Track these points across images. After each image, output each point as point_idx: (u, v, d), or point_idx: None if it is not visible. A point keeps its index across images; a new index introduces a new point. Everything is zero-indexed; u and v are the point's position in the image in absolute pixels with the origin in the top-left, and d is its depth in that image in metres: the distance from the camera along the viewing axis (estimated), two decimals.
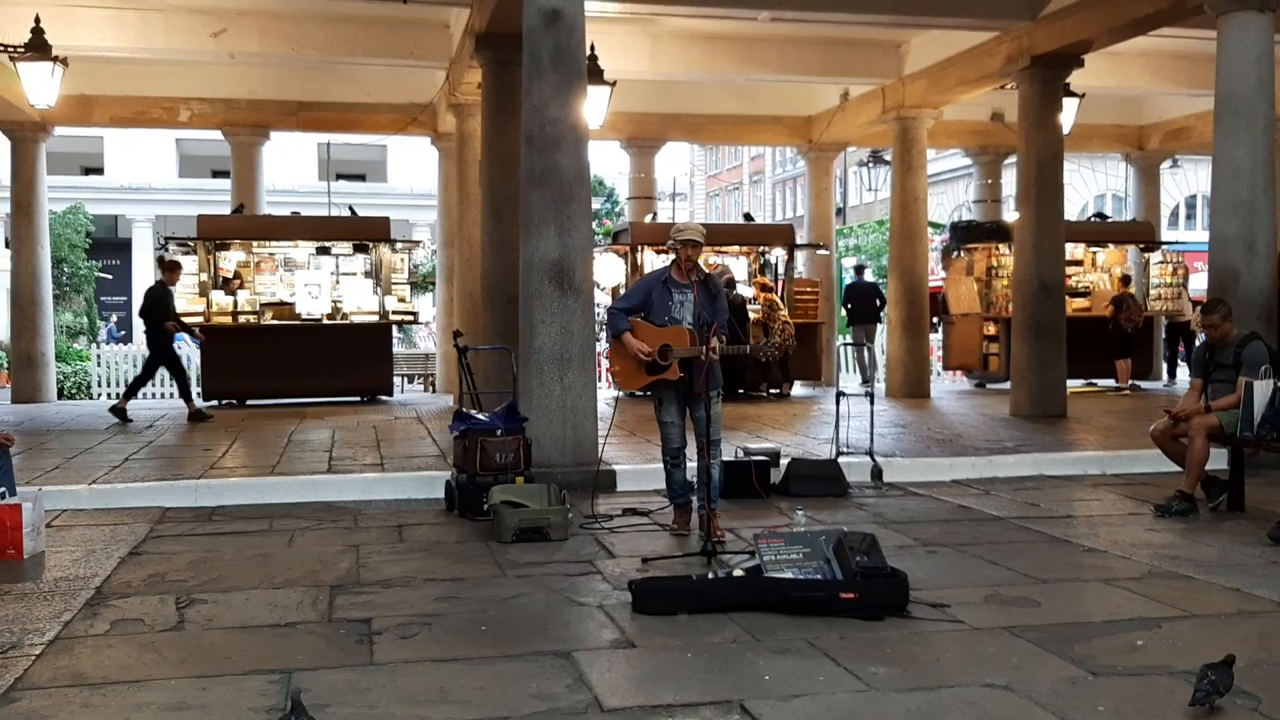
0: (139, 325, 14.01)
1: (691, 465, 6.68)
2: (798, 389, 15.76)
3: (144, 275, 35.41)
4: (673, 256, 6.57)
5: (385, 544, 6.40)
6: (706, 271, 6.66)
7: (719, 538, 6.13)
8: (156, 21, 12.76)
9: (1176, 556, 6.01)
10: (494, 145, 11.16)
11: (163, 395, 18.43)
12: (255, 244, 14.99)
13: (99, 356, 19.37)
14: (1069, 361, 12.57)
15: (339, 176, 31.88)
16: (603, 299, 14.49)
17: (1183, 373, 16.86)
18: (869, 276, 19.77)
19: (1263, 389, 6.93)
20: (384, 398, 14.86)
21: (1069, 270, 13.70)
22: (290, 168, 30.99)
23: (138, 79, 15.17)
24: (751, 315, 14.53)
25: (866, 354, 16.12)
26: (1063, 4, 11.58)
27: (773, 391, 14.86)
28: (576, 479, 7.66)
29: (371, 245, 15.02)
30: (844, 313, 18.42)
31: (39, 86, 11.36)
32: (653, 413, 6.70)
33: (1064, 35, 11.69)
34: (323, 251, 15.08)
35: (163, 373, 16.25)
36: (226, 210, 16.01)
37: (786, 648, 4.39)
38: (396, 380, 16.61)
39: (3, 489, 6.17)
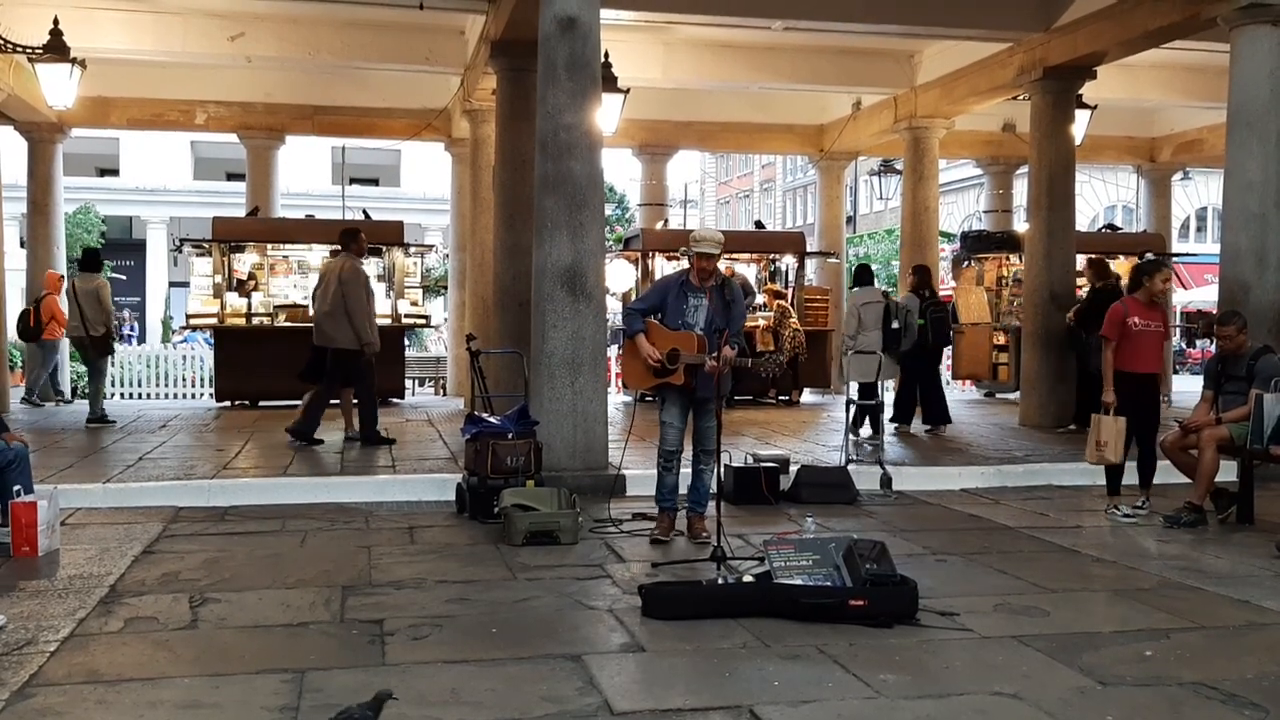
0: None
1: (685, 471, 6.60)
2: (807, 396, 15.76)
3: (158, 276, 35.62)
4: (687, 263, 6.51)
5: (397, 545, 6.44)
6: (725, 277, 6.62)
7: (704, 539, 6.32)
8: (174, 25, 12.84)
9: (1185, 568, 6.02)
10: (508, 151, 11.22)
11: (178, 396, 18.53)
12: (269, 247, 15.04)
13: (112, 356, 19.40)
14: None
15: (353, 181, 32.06)
16: (614, 305, 14.52)
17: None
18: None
19: (1273, 402, 6.95)
20: (395, 400, 14.89)
21: (1079, 281, 13.68)
22: (305, 171, 31.17)
23: (155, 81, 15.26)
24: (763, 322, 14.55)
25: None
26: (1076, 16, 11.59)
27: (782, 398, 14.87)
28: (587, 483, 7.69)
29: (385, 249, 15.06)
30: None
31: (57, 88, 11.41)
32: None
33: (1077, 47, 11.69)
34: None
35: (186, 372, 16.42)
36: (241, 213, 16.09)
37: (796, 654, 4.41)
38: (407, 383, 16.65)
39: (19, 486, 6.22)
